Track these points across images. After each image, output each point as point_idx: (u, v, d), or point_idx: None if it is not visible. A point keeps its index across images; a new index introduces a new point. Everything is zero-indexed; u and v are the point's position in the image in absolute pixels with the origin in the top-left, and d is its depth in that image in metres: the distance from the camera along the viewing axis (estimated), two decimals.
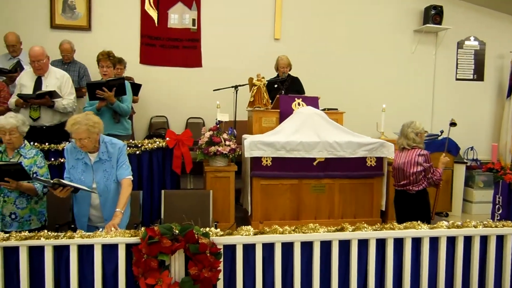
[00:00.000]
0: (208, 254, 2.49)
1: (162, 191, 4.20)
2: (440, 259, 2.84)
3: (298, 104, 5.06)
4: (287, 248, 2.70)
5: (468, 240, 2.89)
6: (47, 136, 4.33)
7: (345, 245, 2.76)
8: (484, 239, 2.91)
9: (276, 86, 5.56)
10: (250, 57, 6.45)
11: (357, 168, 4.74)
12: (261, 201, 4.63)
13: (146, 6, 6.37)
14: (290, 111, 4.99)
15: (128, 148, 3.94)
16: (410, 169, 3.86)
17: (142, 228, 2.59)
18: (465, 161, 6.41)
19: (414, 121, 3.98)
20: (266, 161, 4.58)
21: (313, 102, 5.12)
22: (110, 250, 2.57)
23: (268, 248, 2.68)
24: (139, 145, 4.41)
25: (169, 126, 6.38)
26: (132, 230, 2.65)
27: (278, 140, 4.57)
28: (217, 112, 4.93)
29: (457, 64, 7.31)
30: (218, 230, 2.65)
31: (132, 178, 3.26)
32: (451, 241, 2.88)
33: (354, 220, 4.44)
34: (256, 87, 5.09)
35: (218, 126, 4.66)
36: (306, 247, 2.72)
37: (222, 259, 2.58)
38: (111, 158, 3.20)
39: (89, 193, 3.13)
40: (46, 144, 4.20)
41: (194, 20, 6.49)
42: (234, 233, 2.66)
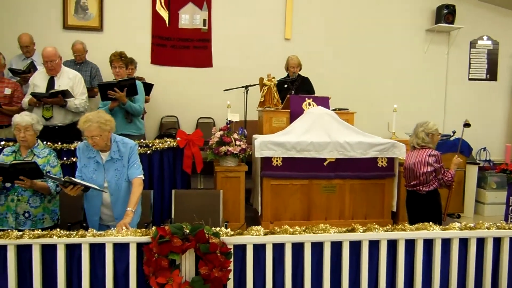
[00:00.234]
0: (218, 254, 2.49)
1: (173, 191, 4.22)
2: (452, 261, 2.81)
3: (309, 104, 5.04)
4: (298, 248, 2.69)
5: (481, 242, 2.85)
6: (60, 135, 4.37)
7: (356, 246, 2.74)
8: (497, 241, 2.87)
9: (286, 86, 5.55)
10: (261, 57, 6.44)
11: (368, 168, 4.71)
12: (271, 201, 4.63)
13: (157, 7, 6.40)
14: (301, 111, 4.98)
15: (139, 147, 3.96)
16: (420, 169, 3.82)
17: (153, 227, 2.60)
18: (477, 162, 6.33)
19: (428, 121, 3.94)
20: (277, 161, 4.57)
21: (323, 102, 5.10)
22: (121, 249, 2.59)
23: (278, 248, 2.67)
24: (150, 144, 4.43)
25: (179, 126, 6.41)
26: (143, 230, 2.66)
27: (289, 140, 4.56)
28: (227, 112, 4.94)
29: (469, 63, 7.23)
30: (229, 230, 2.65)
31: (143, 178, 3.28)
32: (464, 242, 2.84)
33: (365, 221, 4.41)
34: (266, 87, 5.08)
35: (229, 126, 4.66)
36: (317, 248, 2.71)
37: (232, 259, 2.58)
38: (123, 157, 3.22)
39: (100, 192, 3.15)
40: (59, 143, 4.24)
41: (204, 20, 6.51)
42: (245, 233, 2.66)
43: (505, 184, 5.30)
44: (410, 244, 2.79)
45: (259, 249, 2.65)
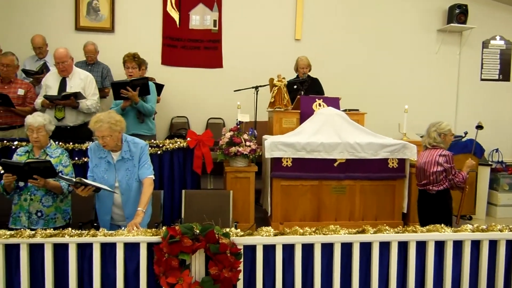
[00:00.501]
0: (228, 254, 2.50)
1: (183, 191, 4.25)
2: (464, 263, 2.79)
3: (319, 105, 5.03)
4: (308, 249, 2.69)
5: (493, 244, 2.82)
6: (71, 136, 4.42)
7: (366, 247, 2.73)
8: (510, 244, 2.84)
9: (295, 87, 5.54)
10: (271, 57, 6.44)
11: (378, 169, 4.68)
12: (281, 202, 4.62)
13: (168, 8, 6.42)
14: (311, 112, 4.96)
15: (149, 148, 3.99)
16: (430, 168, 3.81)
17: (163, 227, 2.62)
18: (489, 163, 6.26)
19: (441, 121, 3.94)
20: (287, 161, 4.57)
21: (334, 102, 5.08)
22: (132, 249, 2.61)
23: (288, 249, 2.67)
24: (161, 145, 4.45)
25: (189, 127, 6.43)
26: (153, 229, 2.68)
27: (299, 140, 4.56)
28: (237, 112, 4.94)
29: (482, 64, 7.15)
30: (238, 230, 2.66)
31: (153, 178, 3.29)
32: (476, 245, 2.82)
33: (375, 222, 4.38)
34: (276, 88, 5.08)
35: (239, 126, 4.67)
36: (327, 249, 2.70)
37: (242, 260, 2.59)
38: (133, 157, 3.24)
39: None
40: (70, 143, 4.29)
41: (215, 21, 6.52)
42: (255, 233, 2.66)
43: None
44: (421, 246, 2.77)
45: (269, 249, 2.66)
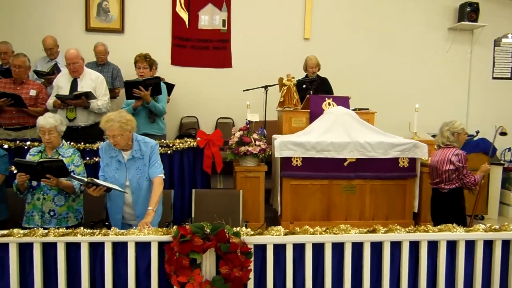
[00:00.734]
0: (239, 254, 2.50)
1: (193, 191, 4.27)
2: (476, 263, 2.76)
3: (329, 104, 5.01)
4: (318, 249, 2.68)
5: (506, 244, 2.79)
6: (83, 136, 4.45)
7: (377, 247, 2.72)
8: None
9: (304, 86, 5.53)
10: (280, 57, 6.44)
11: (389, 169, 4.66)
12: (291, 201, 4.62)
13: (177, 8, 6.46)
14: (321, 111, 4.95)
15: (159, 148, 4.01)
16: (443, 167, 3.82)
17: (174, 226, 2.63)
18: (502, 162, 6.19)
19: (455, 120, 3.94)
20: (296, 161, 4.56)
21: (344, 102, 5.06)
22: (143, 248, 2.63)
23: (298, 248, 2.67)
24: (171, 144, 4.47)
25: (199, 126, 6.46)
26: (164, 229, 2.70)
27: (308, 140, 4.55)
28: (247, 112, 4.95)
29: (493, 62, 7.08)
30: (249, 229, 2.66)
31: (163, 177, 3.32)
32: (488, 245, 2.79)
33: (386, 222, 4.35)
34: (286, 87, 5.08)
35: (248, 126, 4.67)
36: (337, 249, 2.69)
37: (252, 259, 2.59)
38: (144, 156, 3.27)
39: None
40: (82, 143, 4.32)
41: (224, 21, 6.54)
42: (265, 233, 2.66)
43: None
44: (433, 245, 2.75)
45: (279, 249, 2.65)
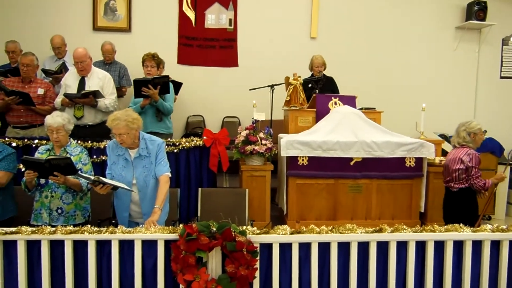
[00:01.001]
0: (245, 252, 2.51)
1: (199, 189, 4.28)
2: (483, 264, 2.75)
3: (335, 103, 5.00)
4: (324, 248, 2.68)
5: None
6: (90, 134, 4.49)
7: (383, 246, 2.72)
8: None
9: (310, 85, 5.53)
10: (287, 56, 6.44)
11: (395, 168, 4.64)
12: (296, 200, 4.62)
13: (184, 7, 6.48)
14: (327, 111, 4.94)
15: (166, 146, 4.02)
16: (453, 165, 3.84)
17: (180, 225, 2.64)
18: (509, 162, 6.14)
19: (471, 120, 3.96)
20: (302, 160, 4.56)
21: (350, 101, 5.05)
22: (149, 246, 2.64)
23: (304, 247, 2.67)
24: (177, 143, 4.49)
25: (205, 125, 6.47)
26: (170, 227, 2.71)
27: (315, 139, 4.54)
28: (253, 111, 4.95)
29: (501, 61, 7.03)
30: (255, 228, 2.66)
31: (170, 175, 3.33)
32: (495, 245, 2.77)
33: (392, 221, 4.34)
34: (292, 86, 5.07)
35: (255, 125, 4.67)
36: (343, 248, 2.69)
37: (258, 258, 2.59)
38: (150, 154, 3.28)
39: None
40: (89, 142, 4.35)
41: (230, 20, 6.55)
42: (271, 232, 2.67)
43: None
44: (440, 245, 2.74)
45: (285, 248, 2.66)
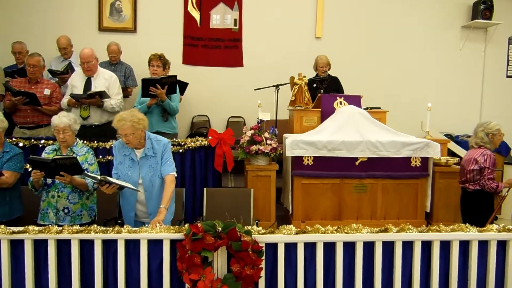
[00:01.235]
0: (250, 252, 2.51)
1: (204, 189, 4.29)
2: (489, 264, 2.74)
3: (340, 103, 5.00)
4: (329, 248, 2.68)
5: None
6: (96, 134, 4.51)
7: (388, 246, 2.71)
8: None
9: (315, 85, 5.52)
10: (291, 56, 6.43)
11: (401, 168, 4.62)
12: (302, 200, 4.61)
13: (189, 8, 6.49)
14: (332, 110, 4.94)
15: (171, 146, 4.04)
16: (468, 166, 3.85)
17: (186, 224, 2.65)
18: None
19: (490, 121, 3.95)
20: (308, 160, 4.55)
21: (355, 101, 5.04)
22: (155, 245, 2.65)
23: (310, 247, 2.67)
24: (182, 143, 4.50)
25: (210, 125, 6.48)
26: (176, 227, 2.72)
27: (320, 139, 4.54)
28: (258, 111, 4.95)
29: (508, 60, 6.99)
30: (260, 228, 2.67)
31: (175, 175, 3.34)
32: (502, 245, 2.76)
33: (397, 221, 4.34)
34: (297, 86, 5.07)
35: (260, 125, 4.68)
36: (349, 248, 2.69)
37: (264, 257, 2.60)
38: (156, 154, 3.30)
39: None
40: (95, 142, 4.37)
41: (235, 20, 6.55)
42: (276, 231, 2.67)
43: None
44: (446, 245, 2.73)
45: (291, 248, 2.66)
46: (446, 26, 6.85)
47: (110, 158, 4.30)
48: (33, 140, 4.34)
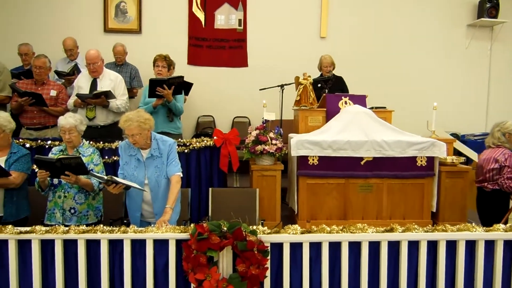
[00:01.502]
0: (255, 252, 2.52)
1: (210, 189, 4.29)
2: (496, 264, 2.72)
3: (345, 102, 4.99)
4: (335, 247, 2.68)
5: None
6: (102, 135, 4.53)
7: (394, 246, 2.71)
8: None
9: (319, 85, 5.52)
10: (296, 56, 6.43)
11: (406, 167, 4.61)
12: (307, 200, 4.61)
13: (194, 8, 6.51)
14: (337, 110, 4.93)
15: (177, 146, 4.05)
16: (487, 165, 3.86)
17: (192, 224, 2.66)
18: None
19: (506, 120, 3.96)
20: (313, 160, 4.55)
21: (360, 100, 5.03)
22: (161, 245, 2.67)
23: (315, 247, 2.67)
24: (188, 143, 4.51)
25: (215, 125, 6.50)
26: (181, 226, 2.73)
27: (325, 139, 4.53)
28: (263, 111, 4.95)
29: None
30: (265, 228, 2.67)
31: (181, 175, 3.35)
32: (509, 245, 2.74)
33: (403, 221, 4.32)
34: (302, 86, 5.06)
35: (265, 125, 4.68)
36: (354, 248, 2.69)
37: (269, 257, 2.60)
38: (162, 154, 3.31)
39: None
40: (101, 142, 4.39)
41: (240, 20, 6.56)
42: (281, 231, 2.67)
43: None
44: (452, 245, 2.72)
45: (296, 247, 2.66)
46: (451, 25, 6.81)
47: (116, 158, 4.32)
48: (39, 141, 4.37)
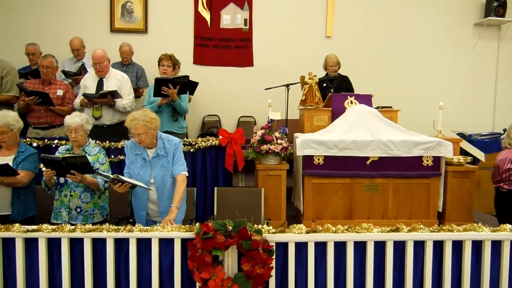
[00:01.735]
0: (260, 251, 2.52)
1: (215, 188, 4.30)
2: (503, 264, 2.71)
3: (351, 102, 4.97)
4: (340, 247, 2.68)
5: None
6: (108, 134, 4.55)
7: (400, 246, 2.70)
8: None
9: (325, 85, 5.50)
10: (302, 55, 6.42)
11: (412, 167, 4.58)
12: (312, 199, 4.60)
13: (199, 8, 6.53)
14: (343, 110, 4.91)
15: (182, 146, 4.06)
16: (504, 165, 3.87)
17: (197, 223, 2.67)
18: None
19: None
20: (318, 159, 4.54)
21: (366, 100, 5.01)
22: (166, 244, 2.68)
23: (320, 247, 2.67)
24: (193, 143, 4.53)
25: (221, 125, 6.50)
26: (187, 226, 2.74)
27: (330, 138, 4.52)
28: (268, 110, 4.95)
29: None
30: (271, 227, 2.68)
31: (187, 174, 3.36)
32: None
33: (409, 221, 4.30)
34: (307, 86, 5.06)
35: (270, 124, 4.68)
36: (360, 247, 2.68)
37: (274, 257, 2.60)
38: (168, 154, 3.32)
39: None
40: (107, 142, 4.41)
41: (246, 20, 6.57)
42: (287, 231, 2.68)
43: None
44: (458, 245, 2.71)
45: (301, 247, 2.66)
46: (458, 24, 6.77)
47: (122, 157, 4.34)
48: (46, 140, 4.41)
